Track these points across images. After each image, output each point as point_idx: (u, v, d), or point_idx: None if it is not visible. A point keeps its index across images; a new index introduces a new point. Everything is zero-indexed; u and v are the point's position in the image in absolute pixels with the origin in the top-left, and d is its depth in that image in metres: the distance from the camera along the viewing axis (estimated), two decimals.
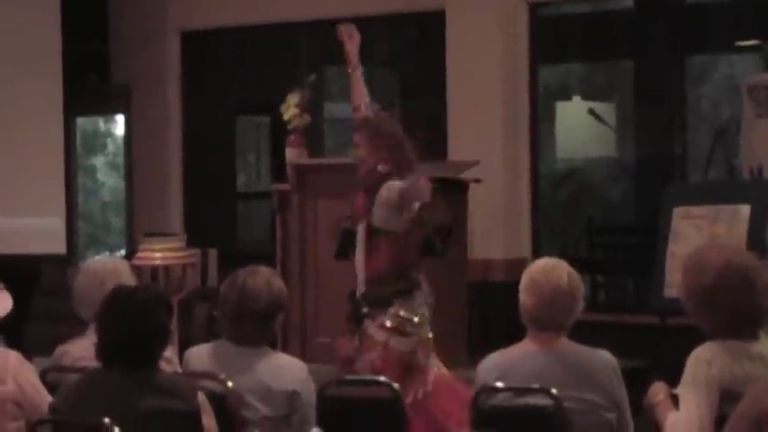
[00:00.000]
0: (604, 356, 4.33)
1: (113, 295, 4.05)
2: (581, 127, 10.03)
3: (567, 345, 4.35)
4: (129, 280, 4.93)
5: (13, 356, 4.28)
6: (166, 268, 8.02)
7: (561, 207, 10.14)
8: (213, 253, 9.41)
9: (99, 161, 13.58)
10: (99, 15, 10.02)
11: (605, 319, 8.03)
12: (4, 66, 9.33)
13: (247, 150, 11.32)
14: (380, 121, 5.98)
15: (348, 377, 5.33)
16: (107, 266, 5.05)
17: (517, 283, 4.42)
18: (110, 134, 13.05)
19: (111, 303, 4.01)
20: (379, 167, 5.72)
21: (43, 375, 4.56)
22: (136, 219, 10.21)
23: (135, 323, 3.91)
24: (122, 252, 10.77)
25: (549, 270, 4.40)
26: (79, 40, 9.54)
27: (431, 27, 9.02)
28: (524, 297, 4.36)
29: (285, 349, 7.63)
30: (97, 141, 13.43)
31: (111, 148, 13.37)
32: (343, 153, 10.58)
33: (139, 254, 8.19)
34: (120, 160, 10.70)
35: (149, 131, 10.13)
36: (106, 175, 13.58)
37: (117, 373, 3.92)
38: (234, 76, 10.23)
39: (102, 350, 3.97)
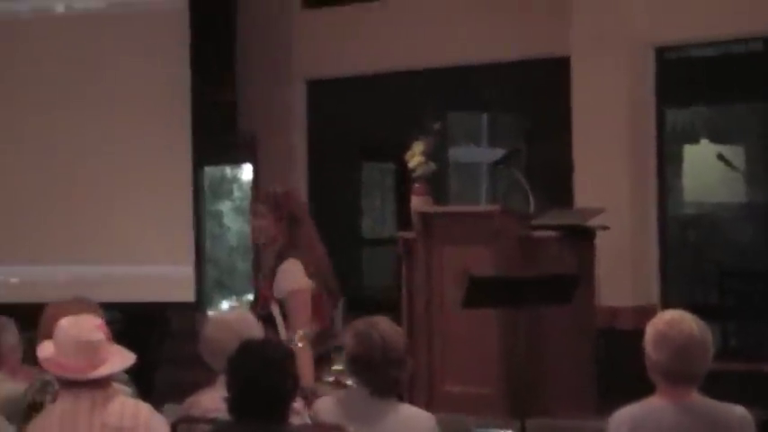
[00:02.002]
0: (740, 412, 4.24)
1: (243, 348, 4.08)
2: (709, 170, 9.88)
3: (699, 400, 4.27)
4: (258, 332, 4.98)
5: (145, 409, 4.32)
6: None
7: (689, 252, 9.98)
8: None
9: (225, 206, 13.76)
10: (226, 65, 10.17)
11: (737, 367, 7.87)
12: (134, 115, 9.52)
13: (372, 196, 11.37)
14: (285, 195, 6.14)
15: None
16: (239, 318, 5.10)
17: (645, 330, 4.36)
18: (236, 180, 13.22)
19: (242, 357, 4.05)
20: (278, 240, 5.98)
21: (174, 427, 4.60)
22: (261, 269, 10.28)
23: (265, 377, 3.94)
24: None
25: (678, 322, 4.33)
26: (207, 89, 9.66)
27: (556, 72, 8.97)
28: (653, 351, 4.28)
29: (412, 398, 7.60)
30: (224, 187, 13.61)
31: (237, 193, 13.55)
32: (468, 198, 10.63)
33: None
34: (246, 205, 10.81)
35: (275, 179, 10.22)
36: (232, 220, 13.75)
37: (247, 425, 3.94)
38: (359, 122, 10.29)
39: (233, 403, 4.00)
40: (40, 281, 9.54)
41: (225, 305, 8.86)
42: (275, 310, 6.05)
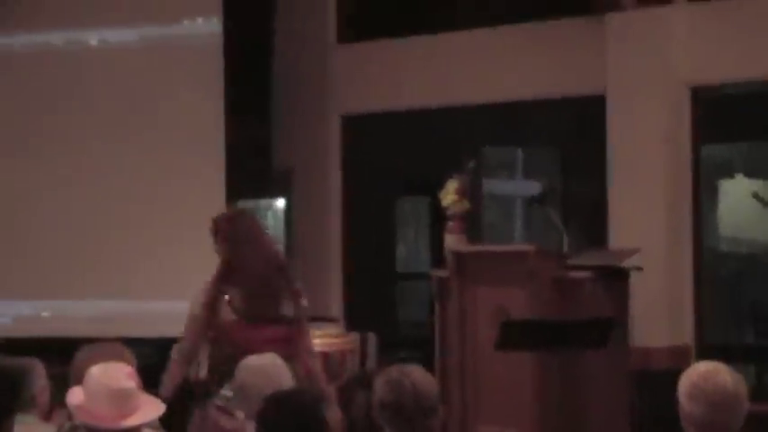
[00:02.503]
0: None
1: (274, 399, 4.05)
2: (745, 206, 9.83)
3: None
4: (289, 378, 4.97)
5: None
6: (326, 355, 8.04)
7: (725, 291, 9.91)
8: (372, 337, 9.39)
9: None
10: (261, 100, 10.17)
11: None
12: (167, 149, 9.52)
13: (407, 231, 11.36)
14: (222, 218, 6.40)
15: None
16: (272, 364, 5.08)
17: (680, 371, 4.31)
18: (270, 207, 13.21)
19: (272, 408, 4.01)
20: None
21: None
22: None
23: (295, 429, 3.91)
24: None
25: (713, 375, 4.26)
26: (241, 124, 9.66)
27: (592, 110, 8.93)
28: (687, 403, 4.23)
29: None
30: (258, 215, 13.63)
31: (271, 221, 13.55)
32: (502, 235, 10.62)
33: None
34: (281, 233, 10.80)
35: (310, 214, 10.23)
36: None
37: None
38: (394, 158, 10.28)
39: None
40: (71, 315, 9.55)
41: None
42: None
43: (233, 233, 6.28)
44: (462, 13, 9.73)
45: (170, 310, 9.10)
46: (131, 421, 4.23)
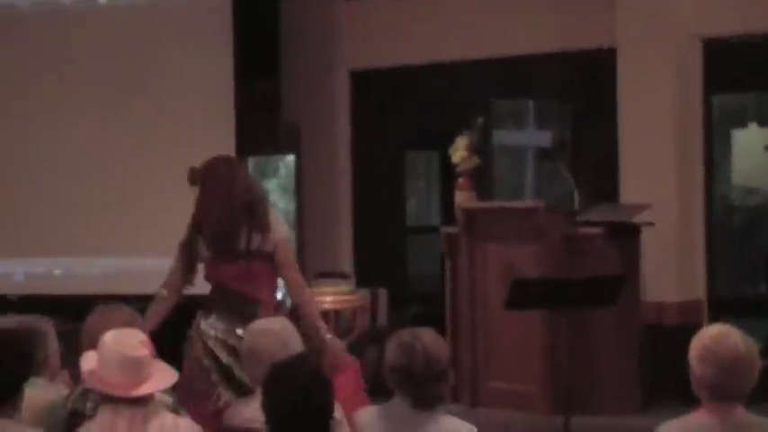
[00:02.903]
0: None
1: (276, 372, 4.04)
2: (758, 155, 9.79)
3: (746, 416, 4.20)
4: (299, 342, 4.97)
5: (184, 422, 4.32)
6: (337, 312, 8.07)
7: (738, 242, 9.89)
8: (383, 293, 9.41)
9: (272, 184, 13.77)
10: (270, 57, 10.13)
11: None
12: (177, 107, 9.51)
13: (417, 185, 11.34)
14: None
15: None
16: (282, 327, 5.08)
17: (692, 326, 4.31)
18: (280, 163, 13.20)
19: (275, 381, 4.00)
20: None
21: None
22: (306, 253, 10.29)
23: (306, 401, 3.90)
24: None
25: (724, 337, 4.24)
26: (250, 79, 9.63)
27: (602, 64, 8.88)
28: (699, 367, 4.21)
29: (456, 395, 7.60)
30: (269, 166, 13.61)
31: (283, 171, 13.55)
32: (512, 190, 10.61)
33: None
34: (291, 188, 10.80)
35: (319, 170, 10.21)
36: (279, 198, 13.76)
37: None
38: (402, 112, 10.26)
39: (269, 423, 3.98)
40: (82, 273, 9.59)
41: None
42: None
43: (203, 179, 6.39)
44: None
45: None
46: (144, 389, 4.23)
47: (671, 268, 8.40)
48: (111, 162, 9.60)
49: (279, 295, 7.64)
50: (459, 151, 8.00)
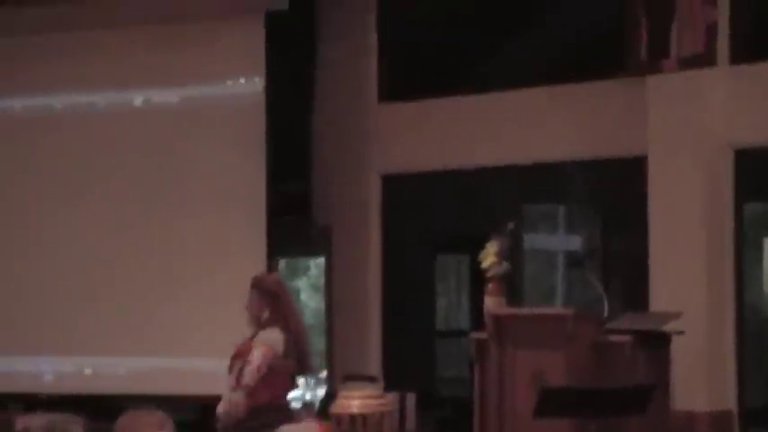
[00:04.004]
0: None
1: None
2: None
3: None
4: None
5: None
6: (364, 416, 8.02)
7: None
8: (411, 397, 9.38)
9: (302, 283, 13.79)
10: (302, 158, 10.22)
11: None
12: (209, 208, 9.57)
13: (447, 288, 11.34)
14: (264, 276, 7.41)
15: None
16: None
17: None
18: (310, 265, 13.24)
19: None
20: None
21: None
22: (335, 354, 10.28)
23: None
24: (322, 375, 10.79)
25: None
26: (282, 181, 9.70)
27: (633, 171, 8.91)
28: None
29: None
30: (300, 264, 13.65)
31: (313, 270, 13.58)
32: (542, 295, 10.58)
33: (338, 401, 8.21)
34: (320, 290, 10.81)
35: (349, 272, 10.24)
36: (309, 297, 13.77)
37: None
38: (433, 215, 10.29)
39: None
40: (112, 372, 9.60)
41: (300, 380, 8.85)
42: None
43: (280, 291, 7.08)
44: (503, 74, 9.74)
45: (211, 368, 9.13)
46: None
47: (701, 377, 8.34)
48: (141, 262, 9.67)
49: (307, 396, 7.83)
50: (489, 257, 7.99)
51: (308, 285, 13.88)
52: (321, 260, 11.18)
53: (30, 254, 9.92)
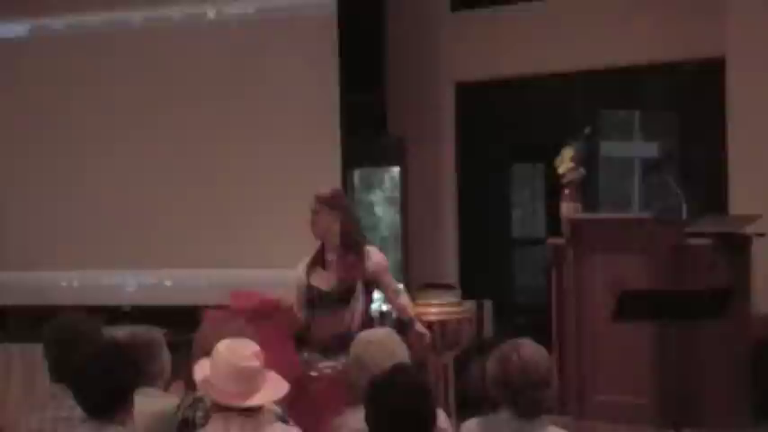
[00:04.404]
0: None
1: (378, 383, 4.06)
2: None
3: None
4: (404, 352, 5.00)
5: None
6: (442, 324, 8.07)
7: None
8: (488, 305, 9.41)
9: (377, 196, 13.81)
10: (375, 69, 10.20)
11: None
12: (283, 120, 9.58)
13: (522, 197, 11.31)
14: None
15: None
16: (388, 337, 5.11)
17: None
18: (384, 175, 13.28)
19: (377, 392, 4.03)
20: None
21: None
22: (412, 264, 10.32)
23: (400, 415, 3.92)
24: (400, 286, 10.83)
25: None
26: (355, 92, 9.68)
27: (712, 72, 8.79)
28: None
29: (563, 407, 7.57)
30: (375, 177, 13.66)
31: (388, 183, 13.59)
32: (619, 202, 10.51)
33: (416, 309, 8.25)
34: (398, 194, 10.83)
35: (424, 182, 10.25)
36: (384, 210, 13.79)
37: None
38: (508, 124, 10.25)
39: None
40: (192, 284, 9.72)
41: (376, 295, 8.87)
42: (359, 289, 6.56)
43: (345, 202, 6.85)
44: None
45: (286, 280, 9.21)
46: (255, 400, 4.28)
47: None
48: (218, 176, 9.72)
49: (384, 307, 7.85)
50: (566, 162, 7.97)
51: (382, 199, 13.89)
52: (395, 173, 11.19)
53: (111, 169, 10.01)
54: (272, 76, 9.64)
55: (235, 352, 4.33)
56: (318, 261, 6.71)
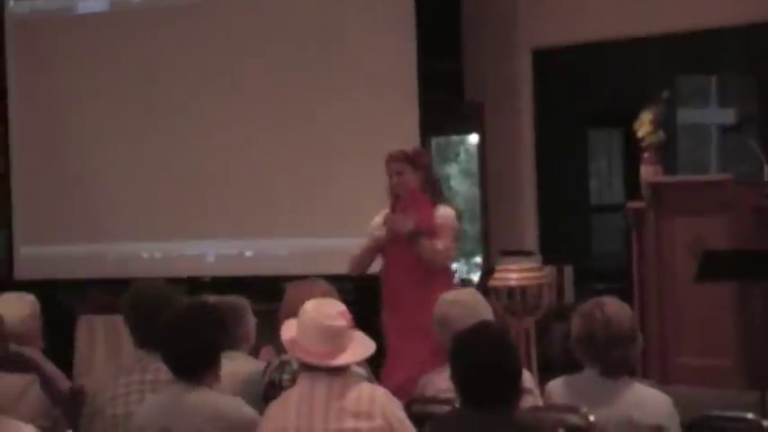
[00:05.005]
0: None
1: (462, 339, 4.08)
2: None
3: None
4: (488, 311, 5.04)
5: (381, 392, 4.39)
6: (523, 289, 8.09)
7: None
8: (568, 270, 9.41)
9: (453, 169, 13.82)
10: (452, 36, 10.19)
11: None
12: (360, 87, 9.61)
13: (600, 163, 11.27)
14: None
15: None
16: (472, 297, 5.16)
17: None
18: (462, 142, 13.28)
19: (461, 348, 4.04)
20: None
21: (408, 407, 4.67)
22: (491, 234, 10.33)
23: (485, 370, 3.93)
24: (477, 260, 10.89)
25: None
26: (432, 59, 9.68)
27: None
28: None
29: (645, 371, 7.55)
30: (450, 150, 13.67)
31: (463, 156, 13.59)
32: (697, 165, 10.43)
33: (496, 274, 8.29)
34: (473, 167, 10.83)
35: (502, 149, 10.23)
36: (460, 183, 13.80)
37: (475, 410, 3.95)
38: (585, 90, 10.20)
39: (457, 391, 4.03)
40: (272, 254, 9.79)
41: (454, 266, 8.90)
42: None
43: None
44: None
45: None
46: (342, 359, 4.31)
47: None
48: (296, 145, 9.76)
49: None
50: (645, 126, 7.93)
51: (458, 171, 13.89)
52: (470, 145, 11.20)
53: (190, 141, 10.10)
54: (350, 45, 9.65)
55: (321, 311, 4.37)
56: (395, 212, 6.84)
